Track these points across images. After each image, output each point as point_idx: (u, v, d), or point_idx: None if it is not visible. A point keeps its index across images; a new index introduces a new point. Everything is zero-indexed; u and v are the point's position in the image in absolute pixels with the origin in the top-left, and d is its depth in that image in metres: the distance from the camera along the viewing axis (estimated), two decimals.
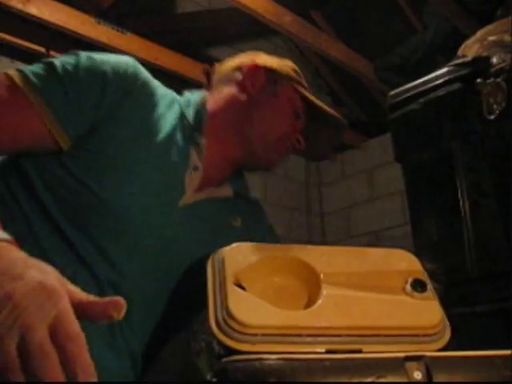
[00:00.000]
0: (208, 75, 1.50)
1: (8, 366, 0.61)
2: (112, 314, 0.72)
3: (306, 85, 1.47)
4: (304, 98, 1.43)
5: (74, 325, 0.67)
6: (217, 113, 1.37)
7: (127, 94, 1.20)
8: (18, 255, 0.75)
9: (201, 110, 1.34)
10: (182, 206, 1.26)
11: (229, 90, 1.41)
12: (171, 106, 1.31)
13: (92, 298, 0.74)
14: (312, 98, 1.43)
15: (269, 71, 1.41)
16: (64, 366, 0.63)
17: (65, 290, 0.71)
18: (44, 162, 1.16)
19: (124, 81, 1.20)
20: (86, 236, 1.14)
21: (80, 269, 1.12)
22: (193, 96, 1.40)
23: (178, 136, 1.28)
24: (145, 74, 1.27)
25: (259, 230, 1.44)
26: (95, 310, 0.72)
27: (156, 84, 1.30)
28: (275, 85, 1.41)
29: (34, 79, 1.11)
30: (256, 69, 1.41)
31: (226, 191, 1.38)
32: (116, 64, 1.20)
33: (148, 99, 1.25)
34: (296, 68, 1.48)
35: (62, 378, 0.62)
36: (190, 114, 1.33)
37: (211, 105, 1.39)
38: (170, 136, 1.26)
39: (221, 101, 1.39)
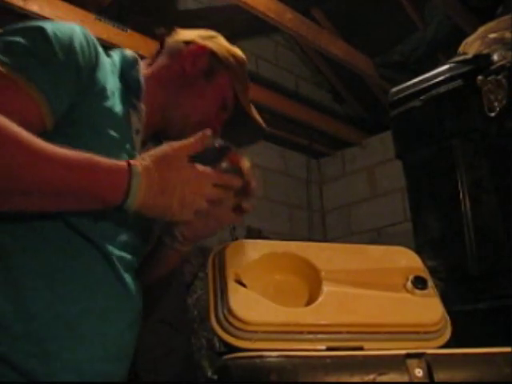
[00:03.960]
0: (163, 38, 1.49)
1: None
2: None
3: (247, 82, 1.47)
4: (236, 95, 1.44)
5: None
6: (151, 79, 1.37)
7: (93, 67, 1.20)
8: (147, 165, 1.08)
9: (138, 75, 1.33)
10: None
11: (170, 61, 1.41)
12: (111, 70, 1.31)
13: None
14: (243, 99, 1.44)
15: (214, 57, 1.41)
16: None
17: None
18: None
19: (90, 60, 1.19)
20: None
21: (82, 245, 1.13)
22: (117, 56, 1.37)
23: (121, 101, 1.28)
24: (98, 44, 1.26)
25: None
26: None
27: (102, 50, 1.29)
28: (214, 72, 1.41)
29: (20, 67, 1.07)
30: (202, 50, 1.41)
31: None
32: (81, 42, 1.18)
33: (104, 70, 1.24)
34: (244, 63, 1.47)
35: None
36: (129, 78, 1.32)
37: (150, 69, 1.40)
38: (117, 101, 1.26)
39: (160, 69, 1.40)
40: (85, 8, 3.28)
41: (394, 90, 1.70)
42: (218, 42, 1.46)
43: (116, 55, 1.37)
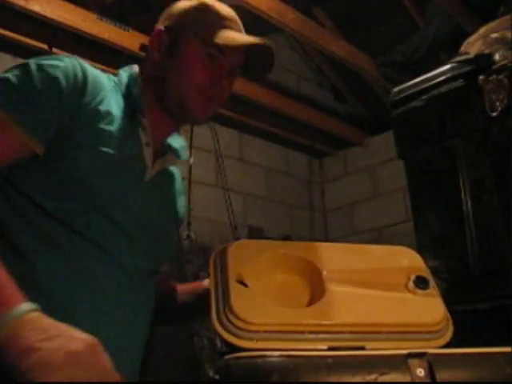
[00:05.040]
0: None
1: None
2: None
3: (218, 19, 1.37)
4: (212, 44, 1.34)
5: None
6: (142, 85, 1.40)
7: (81, 95, 1.24)
8: (49, 321, 0.94)
9: (137, 93, 1.36)
10: (147, 180, 1.33)
11: (147, 59, 1.43)
12: (113, 91, 1.35)
13: None
14: (220, 37, 1.34)
15: (170, 30, 1.38)
16: None
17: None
18: (22, 165, 1.21)
19: (76, 83, 1.24)
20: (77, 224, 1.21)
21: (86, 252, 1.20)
22: (126, 74, 1.41)
23: (125, 118, 1.32)
24: (89, 69, 1.30)
25: (180, 193, 1.52)
26: None
27: (98, 74, 1.34)
28: (178, 42, 1.37)
29: (3, 104, 1.15)
30: (157, 32, 1.40)
31: (171, 159, 1.44)
32: (65, 69, 1.23)
33: (97, 92, 1.29)
34: (204, 3, 1.39)
35: None
36: (131, 97, 1.36)
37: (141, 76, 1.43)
38: (120, 120, 1.31)
39: (143, 72, 1.41)
40: (86, 8, 3.28)
41: (396, 89, 1.70)
42: (172, 12, 1.43)
43: (125, 73, 1.41)
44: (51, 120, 1.20)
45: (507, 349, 0.93)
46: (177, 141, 1.47)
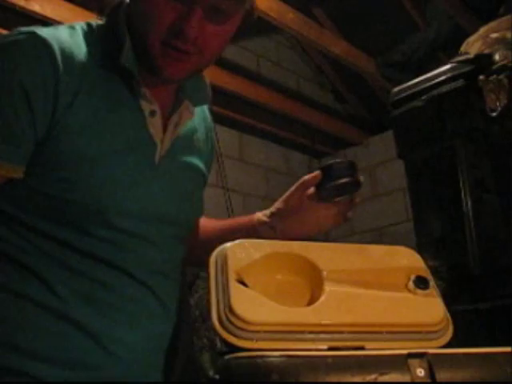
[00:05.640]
0: None
1: None
2: None
3: None
4: None
5: None
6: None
7: (54, 78, 1.06)
8: None
9: (129, 62, 1.14)
10: (158, 161, 1.19)
11: None
12: (101, 58, 1.16)
13: None
14: None
15: None
16: None
17: None
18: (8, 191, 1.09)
19: (43, 71, 1.05)
20: (78, 234, 1.11)
21: (93, 266, 1.13)
22: (113, 29, 1.22)
23: (118, 92, 1.15)
24: (56, 45, 1.08)
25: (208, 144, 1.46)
26: None
27: (72, 45, 1.12)
28: None
29: None
30: None
31: (187, 115, 1.25)
32: (26, 60, 1.04)
33: (72, 65, 1.09)
34: None
35: None
36: (120, 67, 1.14)
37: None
38: (112, 100, 1.14)
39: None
40: (86, 8, 3.28)
41: (396, 89, 1.70)
42: None
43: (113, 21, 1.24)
44: (22, 131, 1.03)
45: (507, 349, 0.93)
46: (195, 85, 1.28)
